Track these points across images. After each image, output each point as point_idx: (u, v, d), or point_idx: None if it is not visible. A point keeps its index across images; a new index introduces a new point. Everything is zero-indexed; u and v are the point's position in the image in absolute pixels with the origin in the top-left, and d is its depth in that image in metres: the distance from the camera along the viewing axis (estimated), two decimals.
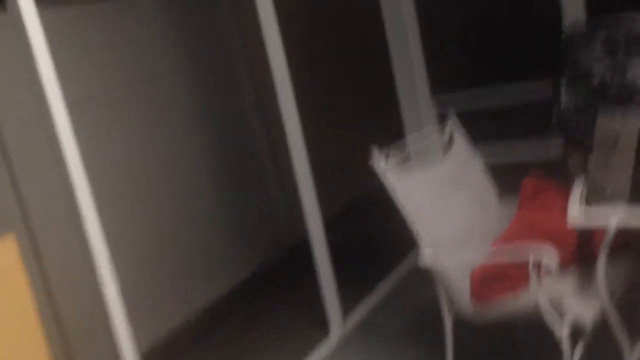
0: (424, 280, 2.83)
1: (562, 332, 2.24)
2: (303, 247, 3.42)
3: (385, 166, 2.61)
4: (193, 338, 3.68)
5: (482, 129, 3.23)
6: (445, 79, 4.21)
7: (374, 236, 4.48)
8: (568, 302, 2.29)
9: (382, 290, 3.74)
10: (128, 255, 3.39)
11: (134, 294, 2.75)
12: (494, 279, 2.49)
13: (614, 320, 2.26)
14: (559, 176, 2.82)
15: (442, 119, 3.01)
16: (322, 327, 3.39)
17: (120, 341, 2.27)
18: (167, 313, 3.67)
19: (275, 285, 4.18)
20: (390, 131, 3.73)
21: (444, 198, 2.78)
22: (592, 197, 2.40)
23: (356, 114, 5.15)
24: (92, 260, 2.22)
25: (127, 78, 3.67)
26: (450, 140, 2.97)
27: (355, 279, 3.75)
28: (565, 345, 2.24)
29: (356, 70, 5.25)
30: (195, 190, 4.02)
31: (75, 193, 2.20)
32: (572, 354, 2.26)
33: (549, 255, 2.23)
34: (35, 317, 2.12)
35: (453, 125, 2.98)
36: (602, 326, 2.29)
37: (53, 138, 2.17)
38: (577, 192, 2.45)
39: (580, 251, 2.46)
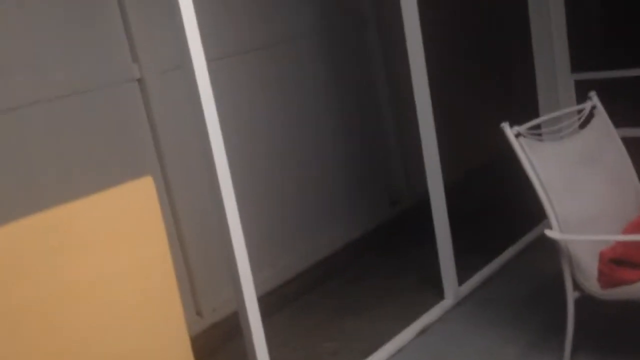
0: (545, 255, 2.77)
1: None
2: (421, 210, 3.42)
3: (516, 136, 2.56)
4: (305, 288, 3.80)
5: (624, 110, 3.09)
6: (587, 58, 4.02)
7: (497, 207, 4.41)
8: None
9: (501, 260, 3.69)
10: (252, 206, 3.53)
11: (256, 243, 2.87)
12: (625, 263, 2.40)
13: None
14: None
15: (581, 100, 2.90)
16: (435, 291, 3.40)
17: (242, 284, 2.38)
18: (282, 263, 3.81)
19: (390, 245, 4.21)
20: (526, 109, 3.63)
21: (577, 173, 2.70)
22: None
23: (490, 88, 5.05)
24: (221, 208, 2.32)
25: (263, 39, 3.77)
26: (590, 117, 2.85)
27: (474, 247, 3.71)
28: None
29: (492, 46, 5.12)
30: (318, 149, 4.11)
31: (209, 143, 2.28)
32: None
33: None
34: (169, 258, 2.24)
35: (593, 102, 2.86)
36: None
37: (192, 91, 2.25)
38: None
39: None
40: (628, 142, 2.89)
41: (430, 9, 3.39)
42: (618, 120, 2.91)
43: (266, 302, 3.29)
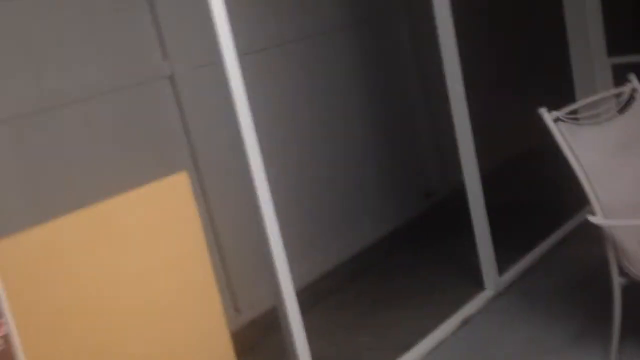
0: (587, 244, 2.71)
1: None
2: (457, 201, 3.37)
3: (555, 121, 2.50)
4: (342, 282, 3.77)
5: None
6: (624, 41, 3.93)
7: (536, 196, 4.34)
8: None
9: (541, 250, 3.62)
10: (286, 201, 3.51)
11: (292, 238, 2.85)
12: None
13: None
14: None
15: (619, 84, 2.82)
16: (475, 282, 3.35)
17: (280, 279, 2.36)
18: (319, 258, 3.78)
19: (425, 238, 4.16)
20: (562, 96, 3.56)
21: (618, 158, 2.63)
22: None
23: (525, 75, 4.97)
24: (256, 203, 2.31)
25: (295, 32, 3.75)
26: (630, 101, 2.77)
27: (512, 237, 3.65)
28: None
29: (526, 33, 5.04)
30: (351, 143, 4.09)
31: (242, 139, 2.27)
32: None
33: None
34: (206, 253, 2.24)
35: (633, 84, 2.78)
36: None
37: (224, 85, 2.24)
38: None
39: None
40: None
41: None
42: None
43: (304, 297, 3.27)
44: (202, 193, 3.28)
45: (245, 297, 3.38)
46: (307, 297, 3.45)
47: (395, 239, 4.16)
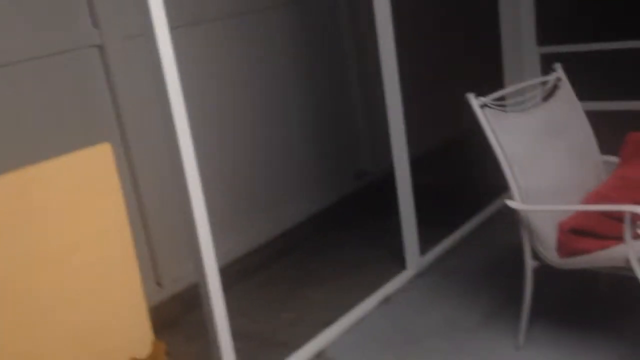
0: (507, 227, 2.80)
1: None
2: (387, 183, 3.42)
3: (482, 107, 2.56)
4: (269, 259, 3.79)
5: (588, 84, 3.11)
6: (553, 31, 4.04)
7: (462, 180, 4.44)
8: None
9: (462, 232, 3.73)
10: (216, 177, 3.49)
11: (219, 214, 2.84)
12: (583, 233, 2.43)
13: None
14: None
15: (546, 72, 2.91)
16: (398, 261, 3.42)
17: (203, 255, 2.35)
18: (246, 234, 3.77)
19: (354, 218, 4.22)
20: (493, 84, 3.64)
21: (540, 144, 2.71)
22: None
23: (456, 62, 5.05)
24: (182, 177, 2.28)
25: (230, 8, 3.70)
26: (554, 89, 2.87)
27: (437, 220, 3.73)
28: None
29: (460, 21, 5.12)
30: (285, 122, 4.08)
31: (171, 112, 2.23)
32: None
33: None
34: (127, 227, 2.20)
35: (558, 74, 2.87)
36: None
37: (154, 58, 2.19)
38: None
39: None
40: (591, 116, 2.92)
41: None
42: (583, 93, 2.93)
43: (228, 273, 3.27)
44: (129, 166, 3.22)
45: (169, 272, 3.35)
46: (233, 273, 3.46)
47: (325, 218, 4.19)
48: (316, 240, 4.00)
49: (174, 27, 2.27)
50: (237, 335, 2.50)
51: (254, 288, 3.51)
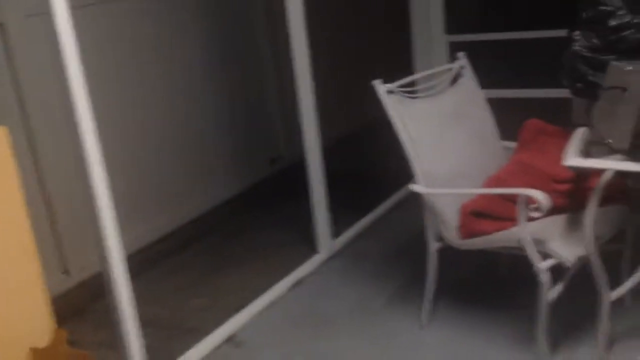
0: (415, 212, 2.87)
1: (542, 271, 2.30)
2: (301, 169, 3.45)
3: (387, 93, 2.62)
4: (180, 245, 3.75)
5: (492, 72, 3.23)
6: (461, 20, 4.16)
7: (373, 167, 4.51)
8: (553, 244, 2.33)
9: (372, 217, 3.81)
10: (124, 163, 3.40)
11: (127, 202, 2.78)
12: (482, 215, 2.53)
13: (596, 265, 2.31)
14: (562, 123, 2.82)
15: (453, 60, 3.00)
16: (310, 245, 3.46)
17: (108, 241, 2.32)
18: (157, 221, 3.72)
19: (268, 203, 4.23)
20: (406, 71, 3.72)
21: (443, 130, 2.79)
22: (592, 147, 2.40)
23: (368, 50, 5.10)
24: (85, 162, 2.23)
25: None
26: (458, 76, 2.96)
27: (349, 205, 3.79)
28: (545, 283, 2.31)
29: (372, 9, 5.18)
30: (197, 106, 4.02)
31: (72, 95, 2.18)
32: (550, 292, 2.33)
33: (538, 197, 2.26)
34: (25, 215, 2.13)
35: (462, 62, 2.96)
36: (582, 271, 2.34)
37: (54, 37, 2.13)
38: (576, 139, 2.45)
39: (572, 198, 2.49)
40: (492, 102, 3.03)
41: None
42: (487, 81, 3.03)
43: (139, 260, 3.22)
44: (31, 150, 3.11)
45: (75, 260, 3.26)
46: (143, 261, 3.41)
47: (238, 203, 4.18)
48: (230, 225, 3.99)
49: (79, 6, 2.20)
50: (146, 322, 2.48)
51: (165, 275, 3.47)
